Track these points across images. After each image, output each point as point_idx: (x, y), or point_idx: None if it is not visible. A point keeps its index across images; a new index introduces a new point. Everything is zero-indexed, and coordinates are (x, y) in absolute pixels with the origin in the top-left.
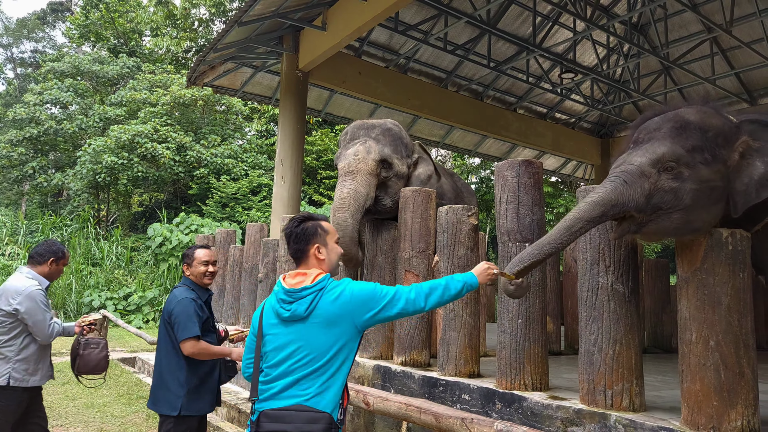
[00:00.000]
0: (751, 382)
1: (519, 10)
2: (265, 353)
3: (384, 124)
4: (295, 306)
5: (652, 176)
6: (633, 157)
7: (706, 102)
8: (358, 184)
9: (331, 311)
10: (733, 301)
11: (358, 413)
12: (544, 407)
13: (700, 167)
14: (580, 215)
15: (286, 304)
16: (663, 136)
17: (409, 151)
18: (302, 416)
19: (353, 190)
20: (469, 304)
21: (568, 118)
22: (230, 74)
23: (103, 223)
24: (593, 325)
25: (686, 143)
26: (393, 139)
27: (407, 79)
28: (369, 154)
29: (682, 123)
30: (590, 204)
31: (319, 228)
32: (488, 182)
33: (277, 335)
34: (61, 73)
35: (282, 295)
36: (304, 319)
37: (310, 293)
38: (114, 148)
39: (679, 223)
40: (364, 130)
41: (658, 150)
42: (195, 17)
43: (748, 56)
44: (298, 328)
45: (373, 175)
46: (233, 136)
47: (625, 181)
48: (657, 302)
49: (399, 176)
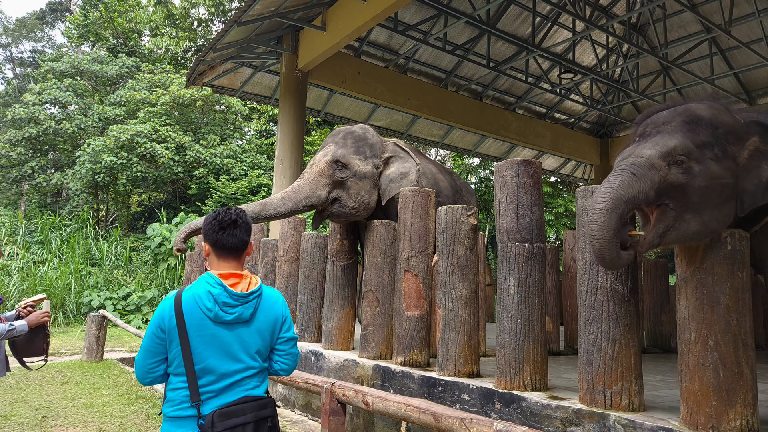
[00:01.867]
0: (750, 382)
1: (518, 11)
2: (198, 354)
3: (349, 129)
4: (240, 309)
5: (662, 169)
6: (642, 150)
7: (715, 99)
8: (303, 181)
9: (269, 316)
10: (732, 300)
11: (357, 413)
12: (543, 407)
13: (710, 163)
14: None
15: (229, 307)
16: (673, 130)
17: (376, 151)
18: (253, 405)
19: (296, 185)
20: (469, 304)
21: (568, 118)
22: (230, 74)
23: (102, 223)
24: (592, 324)
25: (697, 138)
26: (354, 141)
27: (407, 79)
28: (324, 157)
29: (693, 117)
30: (606, 213)
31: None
32: (487, 182)
33: (214, 336)
34: (61, 73)
35: (226, 299)
36: (248, 323)
37: (254, 298)
38: (113, 148)
39: (698, 226)
40: (332, 137)
41: (669, 143)
42: (194, 17)
43: (747, 56)
44: (241, 331)
45: (324, 175)
46: (233, 136)
47: (633, 173)
48: (656, 302)
49: (360, 176)
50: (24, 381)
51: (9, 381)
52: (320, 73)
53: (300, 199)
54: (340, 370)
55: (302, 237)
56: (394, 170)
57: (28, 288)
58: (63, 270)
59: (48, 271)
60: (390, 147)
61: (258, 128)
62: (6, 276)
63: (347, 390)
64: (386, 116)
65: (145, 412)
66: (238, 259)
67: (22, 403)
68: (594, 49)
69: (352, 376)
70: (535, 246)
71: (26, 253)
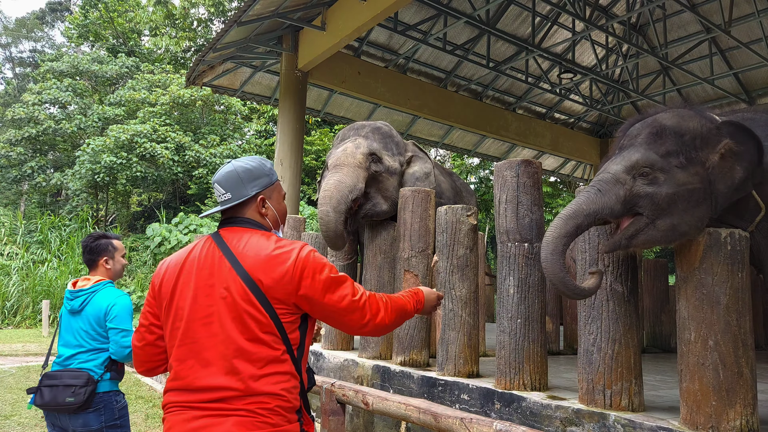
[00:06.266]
0: (750, 382)
1: (518, 11)
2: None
3: (373, 124)
4: (73, 302)
5: (627, 182)
6: (610, 165)
7: (686, 105)
8: (344, 174)
9: (96, 308)
10: (732, 300)
11: (357, 413)
12: (543, 407)
13: (675, 171)
14: (557, 233)
15: (68, 300)
16: (640, 143)
17: (401, 149)
18: (69, 374)
19: (337, 181)
20: (469, 303)
21: (567, 118)
22: (229, 74)
23: (101, 222)
24: (592, 324)
25: (660, 148)
26: (382, 137)
27: (407, 79)
28: (357, 149)
29: (658, 128)
30: (563, 218)
31: (110, 245)
32: (487, 182)
33: (66, 321)
34: (60, 73)
35: (68, 294)
36: (79, 313)
37: (82, 294)
38: (113, 148)
39: (666, 230)
40: (354, 131)
41: (633, 157)
42: (194, 17)
43: (747, 56)
44: (77, 319)
45: (362, 168)
46: (232, 136)
47: (599, 189)
48: (656, 302)
49: (391, 172)
50: (24, 381)
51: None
52: (320, 73)
53: (345, 194)
54: (339, 370)
55: (302, 237)
56: (418, 169)
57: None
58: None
59: (47, 271)
60: (410, 146)
61: (258, 128)
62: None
63: (347, 390)
64: (386, 116)
65: (145, 412)
66: (93, 270)
67: (22, 403)
68: (594, 49)
69: (352, 376)
70: (534, 246)
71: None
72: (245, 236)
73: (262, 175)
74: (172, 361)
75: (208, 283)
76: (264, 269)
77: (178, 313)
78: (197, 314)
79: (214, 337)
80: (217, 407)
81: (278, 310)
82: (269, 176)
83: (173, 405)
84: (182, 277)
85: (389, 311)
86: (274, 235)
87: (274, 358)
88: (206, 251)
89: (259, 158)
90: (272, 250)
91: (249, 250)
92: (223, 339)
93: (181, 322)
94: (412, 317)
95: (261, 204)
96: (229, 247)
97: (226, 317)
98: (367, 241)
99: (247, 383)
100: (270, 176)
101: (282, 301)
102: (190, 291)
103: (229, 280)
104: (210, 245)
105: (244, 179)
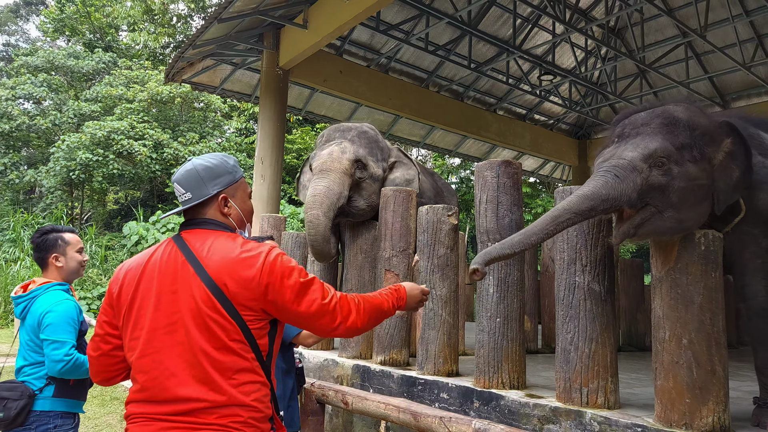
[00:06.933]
0: (723, 380)
1: (499, 12)
2: None
3: (360, 127)
4: (17, 309)
5: (644, 171)
6: (624, 152)
7: (690, 101)
8: (332, 181)
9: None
10: (706, 300)
11: (336, 413)
12: (521, 405)
13: (688, 165)
14: (568, 206)
15: (15, 306)
16: (653, 132)
17: (385, 155)
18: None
19: (326, 188)
20: (449, 303)
21: (547, 120)
22: (209, 71)
23: (77, 221)
24: (570, 323)
25: (676, 140)
26: (368, 142)
27: (388, 78)
28: (344, 154)
29: (672, 120)
30: (580, 197)
31: (59, 240)
32: (468, 182)
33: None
34: (35, 68)
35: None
36: (23, 321)
37: (22, 301)
38: (89, 145)
39: (673, 222)
40: (339, 132)
41: (650, 145)
42: (173, 13)
43: (722, 61)
44: (22, 327)
45: (347, 174)
46: (212, 134)
47: (616, 175)
48: (632, 301)
49: (374, 178)
50: None
51: None
52: (301, 71)
53: (334, 201)
54: (319, 369)
55: (283, 236)
56: (400, 176)
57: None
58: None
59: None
60: (394, 152)
61: (238, 126)
62: None
63: (327, 390)
64: (368, 116)
65: (120, 414)
66: (44, 270)
67: None
68: (573, 51)
69: (332, 376)
70: None
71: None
72: (209, 239)
73: (223, 173)
74: (135, 373)
75: (170, 289)
76: (230, 274)
77: (139, 321)
78: (160, 322)
79: (178, 346)
80: (186, 420)
81: (245, 316)
82: (232, 174)
83: (137, 416)
84: (143, 283)
85: (361, 313)
86: (239, 237)
87: (243, 367)
88: (168, 255)
89: (221, 155)
90: (238, 254)
91: (214, 255)
92: (189, 348)
93: (142, 331)
94: (392, 315)
95: (223, 203)
96: (192, 252)
97: (191, 325)
98: (348, 240)
99: (217, 395)
100: (233, 174)
101: (249, 308)
102: (152, 298)
103: (193, 286)
104: (172, 249)
105: (204, 178)
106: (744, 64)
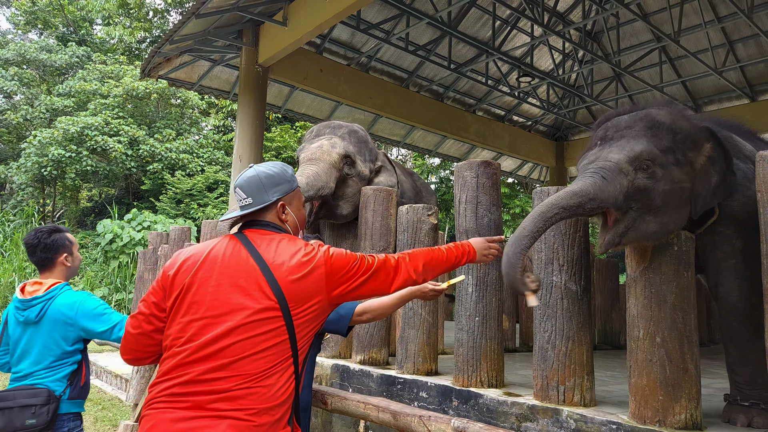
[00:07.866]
0: (695, 377)
1: (479, 14)
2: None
3: (351, 126)
4: (26, 313)
5: (630, 174)
6: (609, 154)
7: (671, 104)
8: (321, 169)
9: (63, 317)
10: (678, 299)
11: (315, 413)
12: (499, 403)
13: (672, 168)
14: (556, 202)
15: (19, 311)
16: (637, 135)
17: (373, 156)
18: (24, 393)
19: (315, 172)
20: (429, 302)
21: (525, 121)
22: (187, 67)
23: (48, 218)
24: (547, 322)
25: (660, 143)
26: (358, 141)
27: (369, 77)
28: (334, 148)
29: (655, 123)
30: (568, 193)
31: (67, 240)
32: (448, 182)
33: (19, 334)
34: (5, 61)
35: (17, 303)
36: (36, 324)
37: (38, 302)
38: (61, 141)
39: (657, 227)
40: (330, 129)
41: (635, 148)
42: (150, 7)
43: (694, 65)
44: (32, 331)
45: (336, 168)
46: (189, 131)
47: (603, 177)
48: (607, 300)
49: (360, 177)
50: None
51: None
52: (281, 68)
53: (319, 187)
54: None
55: None
56: (383, 181)
57: None
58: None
59: None
60: (381, 156)
61: (216, 123)
62: None
63: None
64: (348, 114)
65: (94, 415)
66: (47, 270)
67: None
68: (551, 54)
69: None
70: None
71: None
72: (274, 240)
73: (283, 182)
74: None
75: (231, 282)
76: (294, 275)
77: (192, 307)
78: (214, 311)
79: (226, 338)
80: (214, 408)
81: (296, 319)
82: (290, 183)
83: (161, 399)
84: (201, 272)
85: (414, 256)
86: (299, 239)
87: (280, 367)
88: (232, 250)
89: (281, 164)
90: (302, 256)
91: (278, 257)
92: (236, 340)
93: (194, 317)
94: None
95: (281, 210)
96: (257, 250)
97: (243, 318)
98: (329, 240)
99: (249, 387)
100: (291, 183)
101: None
102: (210, 287)
103: (254, 282)
104: (235, 245)
105: (266, 185)
106: (716, 68)
